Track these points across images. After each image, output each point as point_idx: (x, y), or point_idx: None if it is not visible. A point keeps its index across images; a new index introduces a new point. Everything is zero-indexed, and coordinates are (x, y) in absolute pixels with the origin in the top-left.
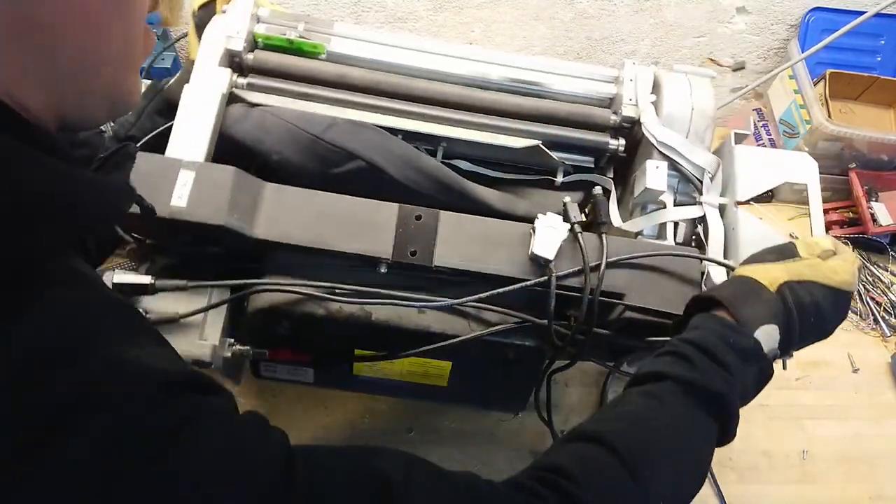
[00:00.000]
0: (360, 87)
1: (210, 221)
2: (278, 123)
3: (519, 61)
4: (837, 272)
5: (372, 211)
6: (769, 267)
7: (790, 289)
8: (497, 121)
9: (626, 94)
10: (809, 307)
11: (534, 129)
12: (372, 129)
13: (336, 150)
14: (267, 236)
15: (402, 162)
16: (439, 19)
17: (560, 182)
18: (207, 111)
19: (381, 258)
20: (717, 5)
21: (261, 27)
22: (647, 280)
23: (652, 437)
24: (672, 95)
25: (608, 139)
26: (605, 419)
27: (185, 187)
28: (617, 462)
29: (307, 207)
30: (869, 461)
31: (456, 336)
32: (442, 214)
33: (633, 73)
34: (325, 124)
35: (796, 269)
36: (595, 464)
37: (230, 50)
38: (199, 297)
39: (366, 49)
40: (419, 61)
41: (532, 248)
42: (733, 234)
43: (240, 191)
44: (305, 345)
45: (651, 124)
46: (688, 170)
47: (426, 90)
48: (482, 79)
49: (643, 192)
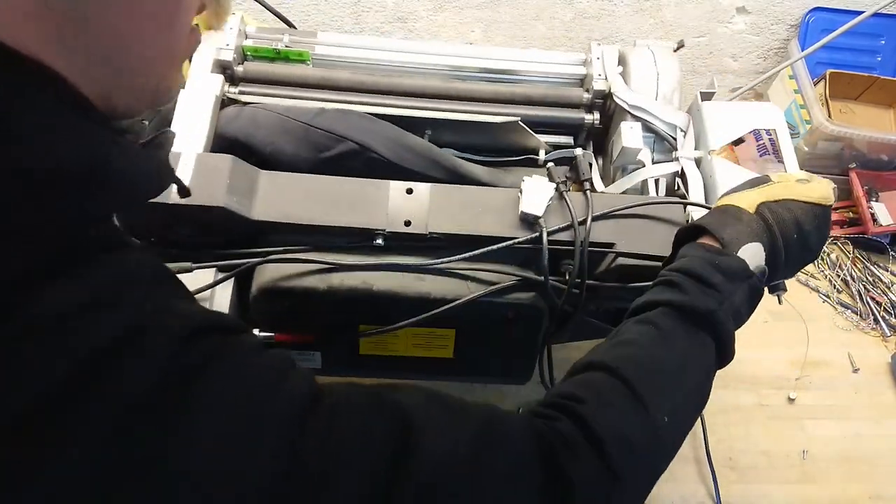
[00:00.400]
0: (345, 88)
1: (210, 203)
2: (269, 116)
3: (492, 53)
4: (813, 189)
5: (365, 188)
6: (746, 192)
7: (769, 208)
8: (477, 107)
9: (595, 72)
10: (789, 223)
11: (512, 111)
12: (359, 114)
13: (326, 135)
14: (265, 217)
15: (391, 141)
16: (439, 19)
17: (543, 160)
18: (203, 112)
19: (376, 230)
20: (717, 5)
21: (248, 42)
22: (635, 228)
23: (651, 359)
24: (638, 64)
25: (583, 114)
26: (605, 349)
27: (185, 175)
28: (620, 384)
29: (302, 189)
30: (869, 461)
31: (456, 299)
32: (432, 186)
33: (599, 51)
34: (314, 112)
35: (771, 191)
36: (600, 387)
37: (221, 61)
38: (204, 278)
39: (348, 52)
40: (399, 59)
41: (521, 208)
42: (711, 182)
43: (237, 176)
44: (309, 323)
45: (621, 92)
46: (661, 128)
47: (408, 85)
48: (459, 70)
49: (621, 153)
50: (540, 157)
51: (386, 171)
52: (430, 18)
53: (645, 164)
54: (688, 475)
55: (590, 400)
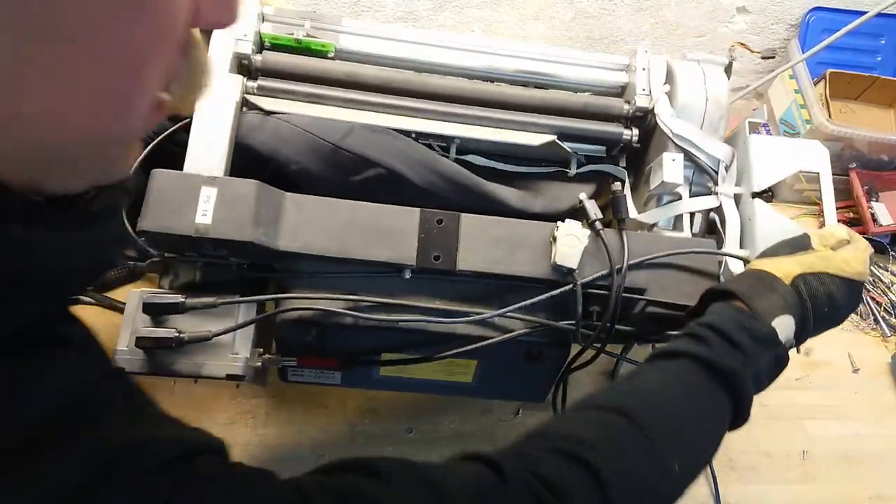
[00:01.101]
0: (372, 86)
1: (237, 238)
2: (295, 132)
3: (529, 50)
4: (849, 262)
5: (393, 217)
6: (783, 260)
7: (804, 281)
8: (510, 115)
9: (639, 85)
10: (823, 298)
11: (547, 121)
12: (389, 133)
13: (355, 159)
14: (291, 248)
15: (422, 166)
16: (439, 19)
17: (574, 173)
18: (223, 122)
19: (405, 265)
20: (718, 5)
21: (266, 26)
22: (666, 275)
23: (670, 410)
24: (686, 85)
25: (622, 129)
26: (622, 391)
27: (209, 204)
28: (638, 432)
29: (329, 216)
30: (869, 461)
31: (483, 339)
32: (463, 217)
33: (646, 61)
34: (343, 131)
35: (809, 261)
36: (615, 432)
37: (239, 54)
38: (228, 313)
39: (375, 45)
40: (429, 55)
41: (554, 259)
42: (750, 225)
43: (263, 204)
44: (333, 351)
45: (666, 116)
46: (703, 160)
47: (438, 86)
48: (493, 70)
49: (660, 185)
50: (571, 171)
51: (414, 194)
52: (430, 18)
53: (682, 196)
54: None
55: (603, 446)
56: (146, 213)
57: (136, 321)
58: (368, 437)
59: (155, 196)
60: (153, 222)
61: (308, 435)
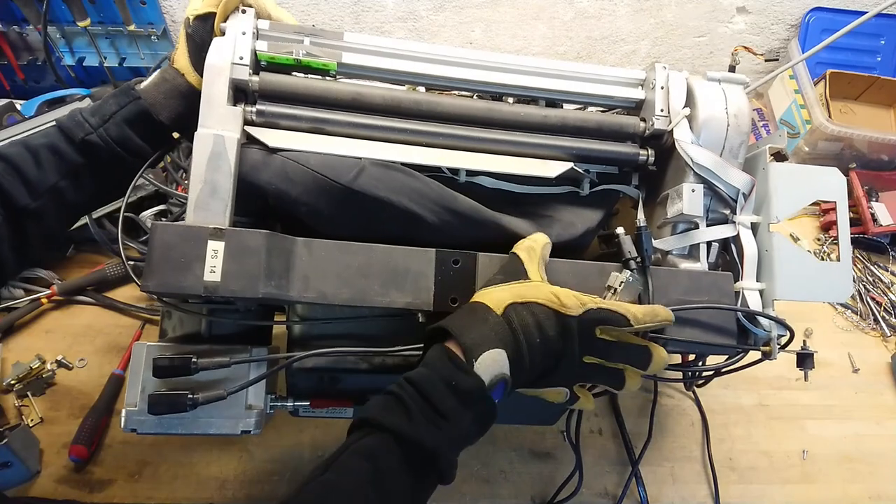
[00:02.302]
0: (378, 108)
1: (248, 295)
2: (303, 173)
3: (540, 66)
4: (559, 295)
5: (409, 259)
6: (498, 290)
7: (514, 310)
8: (525, 136)
9: (657, 104)
10: (532, 327)
11: (563, 143)
12: (402, 171)
13: (368, 199)
14: (303, 298)
15: (438, 205)
16: (439, 19)
17: (586, 193)
18: (224, 164)
19: (422, 310)
20: (718, 5)
21: (262, 44)
22: (683, 315)
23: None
24: (707, 109)
25: (637, 150)
26: (314, 482)
27: (217, 259)
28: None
29: (342, 260)
30: (869, 461)
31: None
32: (480, 257)
33: (664, 79)
34: (353, 171)
35: (520, 290)
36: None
37: (235, 80)
38: (240, 367)
39: (380, 62)
40: (437, 71)
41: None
42: (767, 257)
43: (273, 255)
44: (347, 392)
45: (686, 143)
46: (722, 190)
47: (449, 106)
48: (503, 87)
49: (679, 216)
50: (583, 192)
51: (430, 232)
52: (430, 18)
53: (698, 224)
54: (688, 476)
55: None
56: (150, 271)
57: (146, 379)
58: None
59: (158, 252)
60: (159, 282)
61: (308, 434)
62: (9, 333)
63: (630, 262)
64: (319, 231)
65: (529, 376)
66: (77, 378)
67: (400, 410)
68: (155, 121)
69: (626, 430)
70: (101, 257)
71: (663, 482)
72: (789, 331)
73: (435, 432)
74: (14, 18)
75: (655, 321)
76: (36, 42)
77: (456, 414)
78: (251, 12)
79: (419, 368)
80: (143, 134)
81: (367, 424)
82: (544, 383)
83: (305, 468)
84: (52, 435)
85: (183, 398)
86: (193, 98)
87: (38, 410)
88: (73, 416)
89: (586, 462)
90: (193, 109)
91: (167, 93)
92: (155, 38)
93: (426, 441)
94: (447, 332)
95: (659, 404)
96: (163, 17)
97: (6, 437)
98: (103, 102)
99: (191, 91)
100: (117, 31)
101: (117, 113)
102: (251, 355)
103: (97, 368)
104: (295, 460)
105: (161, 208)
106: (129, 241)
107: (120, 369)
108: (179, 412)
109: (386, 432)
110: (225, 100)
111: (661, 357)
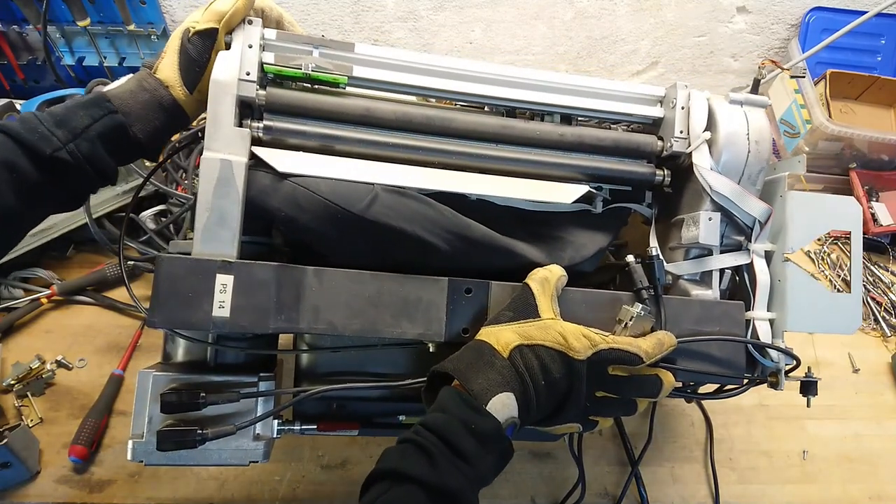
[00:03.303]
0: (390, 124)
1: (258, 331)
2: (313, 200)
3: (556, 80)
4: (566, 336)
5: (421, 288)
6: (504, 330)
7: (520, 352)
8: (539, 155)
9: (676, 125)
10: (537, 371)
11: (578, 162)
12: (416, 198)
13: (380, 227)
14: (314, 330)
15: (451, 234)
16: (439, 19)
17: (599, 211)
18: (232, 191)
19: (433, 341)
20: (718, 5)
21: (269, 55)
22: (693, 346)
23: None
24: (728, 135)
25: (653, 170)
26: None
27: (225, 294)
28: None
29: (353, 290)
30: (869, 461)
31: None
32: (492, 286)
33: (685, 98)
34: (366, 200)
35: (527, 331)
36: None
37: (242, 97)
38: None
39: (393, 76)
40: (454, 87)
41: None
42: (780, 287)
43: (283, 287)
44: (354, 417)
45: (705, 169)
46: (738, 218)
47: (461, 123)
48: (521, 102)
49: (694, 243)
50: (595, 209)
51: (442, 259)
52: (431, 18)
53: (712, 251)
54: (688, 475)
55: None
56: (157, 306)
57: (152, 411)
58: (368, 436)
59: (165, 286)
60: (166, 317)
61: (307, 441)
62: (8, 333)
63: (642, 293)
64: (328, 257)
65: (537, 416)
66: (77, 378)
67: (422, 458)
68: (129, 137)
69: (626, 431)
70: (101, 257)
71: (663, 482)
72: (796, 360)
73: (458, 475)
74: (14, 18)
75: (663, 351)
76: (36, 42)
77: (477, 456)
78: (258, 22)
79: (434, 413)
80: (112, 149)
81: (389, 476)
82: (554, 421)
83: (305, 468)
84: (51, 435)
85: (192, 434)
86: (175, 113)
87: (37, 410)
88: (73, 416)
89: (587, 462)
90: (172, 125)
91: (146, 105)
92: (155, 38)
93: (451, 485)
94: (452, 376)
95: (659, 405)
96: (163, 16)
97: (6, 438)
98: (69, 113)
99: (173, 106)
100: (117, 30)
101: (90, 127)
102: (259, 388)
103: (97, 368)
104: (295, 460)
105: (161, 208)
106: (130, 241)
107: (120, 369)
108: (188, 448)
109: (410, 482)
110: (232, 120)
111: (670, 383)
